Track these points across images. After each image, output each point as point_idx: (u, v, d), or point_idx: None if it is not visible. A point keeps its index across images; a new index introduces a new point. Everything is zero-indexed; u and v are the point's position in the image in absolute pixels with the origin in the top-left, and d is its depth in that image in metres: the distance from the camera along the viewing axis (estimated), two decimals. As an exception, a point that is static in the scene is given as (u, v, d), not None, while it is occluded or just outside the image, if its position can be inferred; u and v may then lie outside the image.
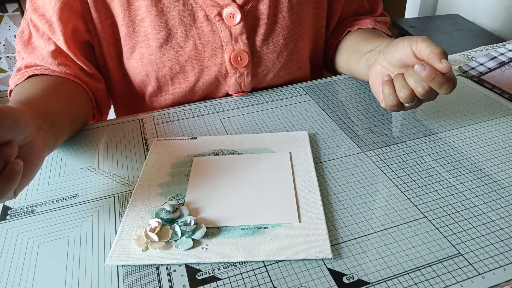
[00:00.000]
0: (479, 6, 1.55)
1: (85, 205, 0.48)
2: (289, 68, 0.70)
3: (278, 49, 0.67)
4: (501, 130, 0.56)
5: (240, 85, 0.68)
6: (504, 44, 0.80)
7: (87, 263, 0.40)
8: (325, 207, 0.45)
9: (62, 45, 0.60)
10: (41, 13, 0.60)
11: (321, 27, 0.73)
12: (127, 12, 0.62)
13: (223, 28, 0.63)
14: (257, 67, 0.67)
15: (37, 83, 0.57)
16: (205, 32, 0.63)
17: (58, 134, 0.51)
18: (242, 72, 0.66)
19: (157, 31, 0.62)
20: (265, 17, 0.65)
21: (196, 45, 0.64)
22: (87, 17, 0.62)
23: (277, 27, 0.66)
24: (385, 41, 0.58)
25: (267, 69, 0.68)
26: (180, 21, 0.62)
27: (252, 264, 0.39)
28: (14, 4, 1.70)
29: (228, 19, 0.63)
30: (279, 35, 0.66)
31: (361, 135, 0.57)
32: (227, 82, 0.67)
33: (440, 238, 0.41)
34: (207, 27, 0.63)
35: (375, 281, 0.37)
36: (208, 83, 0.67)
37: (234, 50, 0.64)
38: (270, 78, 0.69)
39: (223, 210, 0.45)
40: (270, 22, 0.65)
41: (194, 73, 0.66)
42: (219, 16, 0.63)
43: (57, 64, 0.60)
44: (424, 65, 0.47)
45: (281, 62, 0.68)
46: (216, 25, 0.63)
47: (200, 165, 0.52)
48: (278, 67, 0.69)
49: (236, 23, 0.63)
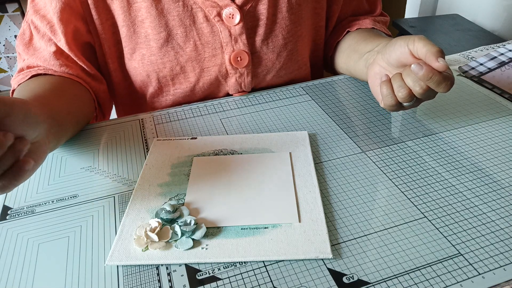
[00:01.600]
0: (479, 6, 1.55)
1: (85, 205, 0.48)
2: (289, 68, 0.70)
3: (277, 49, 0.67)
4: (501, 130, 0.56)
5: (241, 85, 0.68)
6: (504, 44, 0.80)
7: (87, 263, 0.40)
8: (325, 207, 0.45)
9: (63, 46, 0.60)
10: (42, 14, 0.60)
11: (320, 27, 0.73)
12: (128, 13, 0.62)
13: (222, 28, 0.63)
14: (257, 67, 0.67)
15: (42, 83, 0.57)
16: (205, 33, 0.63)
17: (61, 136, 0.52)
18: (242, 72, 0.66)
19: (157, 32, 0.62)
20: (264, 17, 0.65)
21: (196, 45, 0.64)
22: (88, 18, 0.62)
23: (277, 27, 0.66)
24: (384, 41, 0.58)
25: (267, 69, 0.68)
26: (180, 22, 0.62)
27: (252, 264, 0.39)
28: (14, 4, 1.70)
29: (228, 20, 0.63)
30: (279, 35, 0.66)
31: (361, 135, 0.57)
32: (228, 82, 0.67)
33: (440, 238, 0.41)
34: (207, 27, 0.63)
35: (375, 281, 0.37)
36: (208, 84, 0.67)
37: (234, 50, 0.64)
38: (270, 78, 0.69)
39: (223, 210, 0.45)
40: (269, 22, 0.65)
41: (195, 74, 0.66)
42: (218, 16, 0.63)
43: (59, 65, 0.60)
44: (421, 65, 0.47)
45: (281, 62, 0.68)
46: (216, 26, 0.63)
47: (200, 165, 0.52)
48: (278, 67, 0.69)
49: (235, 23, 0.63)
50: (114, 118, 0.66)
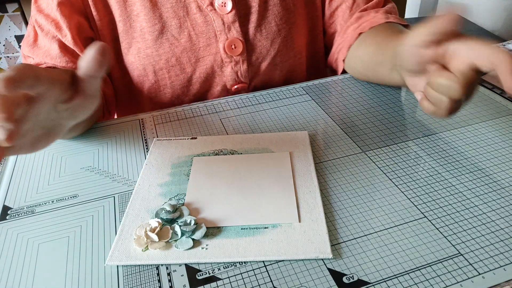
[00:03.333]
0: (479, 6, 1.55)
1: (85, 205, 0.48)
2: (284, 56, 0.71)
3: (271, 36, 0.68)
4: (501, 130, 0.56)
5: (237, 73, 0.68)
6: (504, 44, 0.80)
7: (87, 263, 0.40)
8: (325, 207, 0.45)
9: (69, 41, 0.61)
10: (46, 13, 0.61)
11: (316, 17, 0.73)
12: (123, 8, 0.63)
13: (215, 17, 0.65)
14: (252, 55, 0.68)
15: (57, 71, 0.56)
16: (199, 23, 0.65)
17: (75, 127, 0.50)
18: (237, 60, 0.67)
19: (152, 25, 0.63)
20: (256, 4, 0.66)
21: (191, 36, 0.65)
22: (89, 14, 0.63)
23: (269, 14, 0.67)
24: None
25: (262, 56, 0.69)
26: (174, 13, 0.64)
27: (252, 264, 0.39)
28: (14, 4, 1.70)
29: (220, 8, 0.64)
30: (272, 22, 0.68)
31: (361, 135, 0.57)
32: (224, 72, 0.68)
33: (440, 238, 0.41)
34: (200, 17, 0.65)
35: (375, 281, 0.37)
36: (205, 74, 0.68)
37: (227, 38, 0.66)
38: (266, 65, 0.70)
39: (223, 210, 0.45)
40: (261, 9, 0.67)
41: (191, 64, 0.67)
42: (211, 6, 0.64)
43: (66, 62, 0.61)
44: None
45: (276, 49, 0.69)
46: (209, 15, 0.65)
47: (200, 165, 0.52)
48: (273, 54, 0.69)
49: (228, 11, 0.65)
50: (114, 118, 0.66)
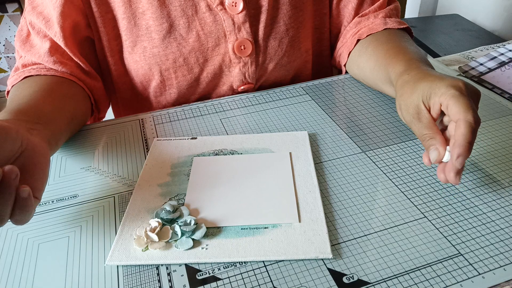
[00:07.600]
0: (479, 6, 1.55)
1: (85, 205, 0.48)
2: (291, 56, 0.70)
3: (279, 36, 0.67)
4: (501, 130, 0.56)
5: (245, 75, 0.68)
6: (504, 44, 0.80)
7: (87, 263, 0.40)
8: (325, 207, 0.45)
9: (59, 41, 0.60)
10: (39, 11, 0.60)
11: (324, 14, 0.72)
12: (128, 5, 0.62)
13: (225, 17, 0.63)
14: (260, 56, 0.67)
15: (30, 85, 0.56)
16: (208, 22, 0.63)
17: (55, 131, 0.50)
18: (246, 61, 0.66)
19: (159, 23, 0.62)
20: (266, 3, 0.65)
21: (199, 35, 0.64)
22: (88, 11, 0.62)
23: (279, 13, 0.66)
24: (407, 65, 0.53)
25: (270, 57, 0.68)
26: (182, 12, 0.62)
27: (252, 264, 0.39)
28: (14, 4, 1.70)
29: (231, 8, 0.63)
30: (280, 21, 0.67)
31: (361, 135, 0.57)
32: (231, 73, 0.67)
33: (440, 238, 0.41)
34: (210, 17, 0.63)
35: (375, 281, 0.37)
36: (212, 74, 0.67)
37: (237, 39, 0.64)
38: (273, 66, 0.69)
39: (223, 210, 0.45)
40: (271, 8, 0.65)
41: (198, 65, 0.66)
42: (221, 5, 0.63)
43: (53, 62, 0.60)
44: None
45: (283, 49, 0.68)
46: (219, 15, 0.63)
47: (200, 165, 0.52)
48: (280, 55, 0.69)
49: (239, 11, 0.63)
50: (114, 118, 0.65)
